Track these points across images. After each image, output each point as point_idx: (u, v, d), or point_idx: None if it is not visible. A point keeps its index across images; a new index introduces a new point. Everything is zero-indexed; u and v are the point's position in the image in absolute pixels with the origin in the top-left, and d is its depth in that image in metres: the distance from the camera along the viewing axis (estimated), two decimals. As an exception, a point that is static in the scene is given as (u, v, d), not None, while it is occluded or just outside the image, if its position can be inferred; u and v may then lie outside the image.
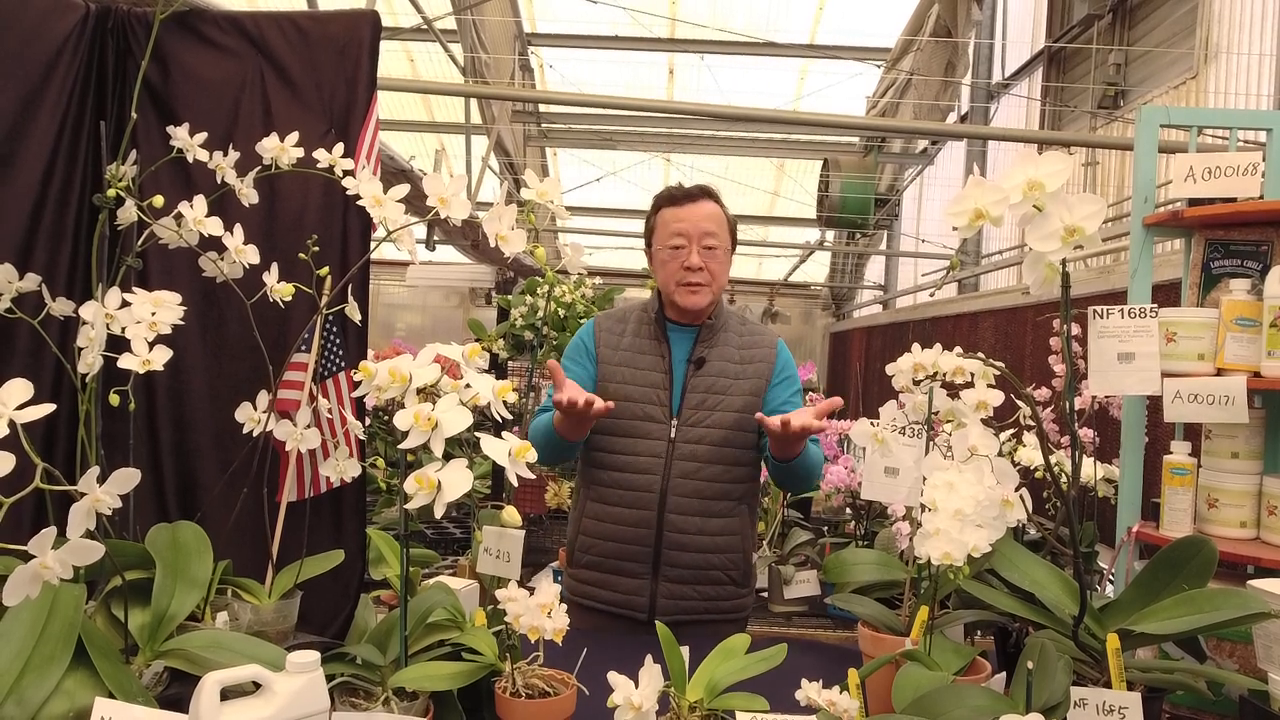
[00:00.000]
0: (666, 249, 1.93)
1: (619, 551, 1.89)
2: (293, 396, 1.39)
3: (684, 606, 1.87)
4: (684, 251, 1.90)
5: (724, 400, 1.89)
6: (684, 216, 1.92)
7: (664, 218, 1.96)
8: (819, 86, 8.20)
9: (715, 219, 1.93)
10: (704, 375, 1.91)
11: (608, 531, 1.90)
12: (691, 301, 1.91)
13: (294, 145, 1.38)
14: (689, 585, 1.87)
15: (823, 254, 10.34)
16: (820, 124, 6.22)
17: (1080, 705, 1.06)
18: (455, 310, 10.24)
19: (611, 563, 1.89)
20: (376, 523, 2.93)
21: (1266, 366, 1.59)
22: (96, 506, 0.95)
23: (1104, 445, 2.51)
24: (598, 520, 1.92)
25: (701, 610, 1.88)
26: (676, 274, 1.91)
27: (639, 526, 1.87)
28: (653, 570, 1.87)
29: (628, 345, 1.96)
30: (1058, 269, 1.05)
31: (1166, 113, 1.83)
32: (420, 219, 1.35)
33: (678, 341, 1.95)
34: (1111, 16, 5.46)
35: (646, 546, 1.87)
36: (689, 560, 1.87)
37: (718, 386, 1.90)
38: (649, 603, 1.87)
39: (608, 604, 1.90)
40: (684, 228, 1.91)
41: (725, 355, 1.94)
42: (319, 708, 0.97)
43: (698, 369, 1.91)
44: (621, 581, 1.88)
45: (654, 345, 1.95)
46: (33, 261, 1.39)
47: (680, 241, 1.91)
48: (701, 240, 1.90)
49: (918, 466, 1.36)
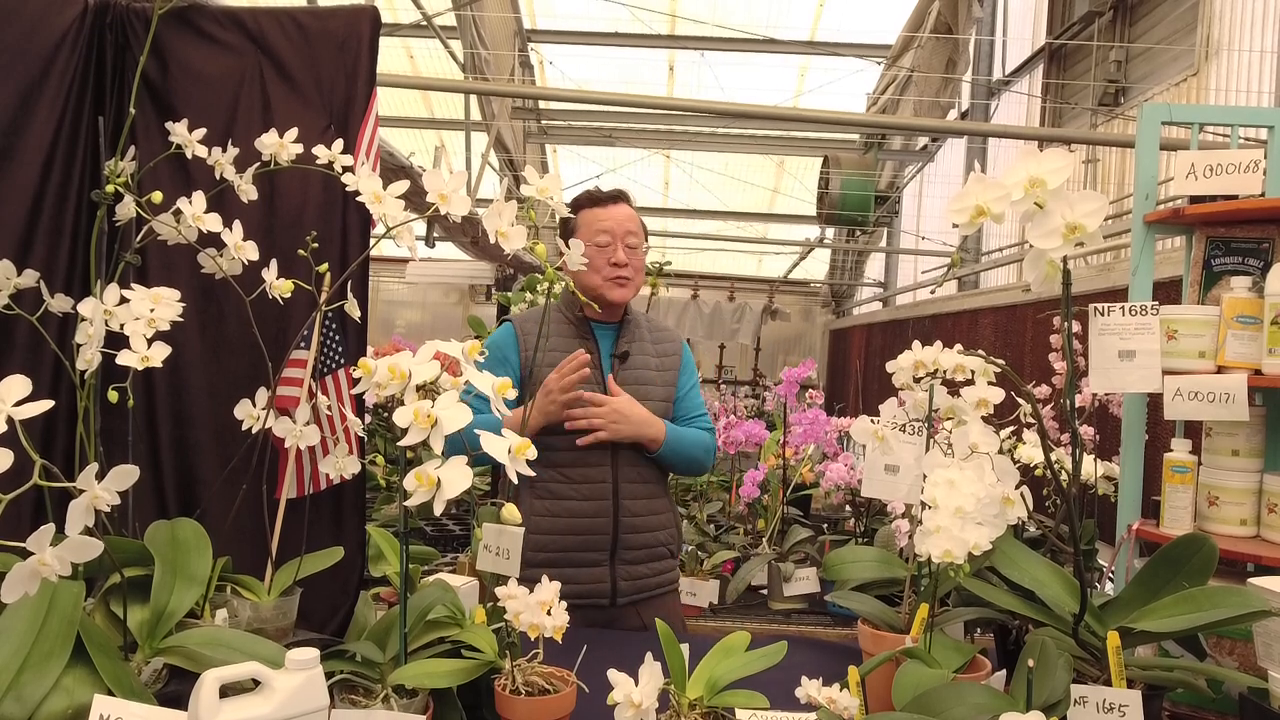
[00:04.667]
0: (593, 246, 2.01)
1: (578, 544, 1.94)
2: (292, 393, 1.38)
3: (640, 585, 1.98)
4: (610, 249, 2.00)
5: (649, 390, 2.03)
6: (608, 215, 2.03)
7: (586, 218, 2.05)
8: (819, 83, 8.19)
9: (634, 220, 2.06)
10: (629, 369, 2.03)
11: (564, 525, 1.94)
12: (619, 295, 2.01)
13: (293, 141, 1.38)
14: (643, 565, 1.99)
15: (823, 251, 10.34)
16: (820, 121, 6.22)
17: (1080, 703, 1.06)
18: (455, 307, 10.25)
19: (570, 555, 1.93)
20: (376, 520, 2.94)
21: (1267, 364, 1.59)
22: (95, 503, 0.95)
23: (1104, 443, 2.51)
24: (552, 516, 1.95)
25: (654, 586, 2.01)
26: (605, 269, 2.00)
27: (596, 516, 1.95)
28: (610, 556, 1.95)
29: (554, 345, 2.02)
30: (1059, 266, 1.05)
31: (1168, 110, 1.83)
32: (420, 215, 1.35)
33: (601, 338, 2.06)
34: (1112, 13, 5.45)
35: (604, 534, 1.95)
36: (641, 541, 1.99)
37: (643, 379, 2.04)
38: (610, 588, 1.95)
39: (570, 596, 1.90)
40: (608, 226, 2.01)
41: (643, 349, 2.08)
42: (318, 705, 0.97)
43: (622, 363, 2.03)
44: (581, 572, 1.92)
45: (582, 343, 2.01)
46: (31, 258, 1.39)
47: (605, 239, 2.01)
48: (625, 239, 2.01)
49: (918, 464, 1.36)
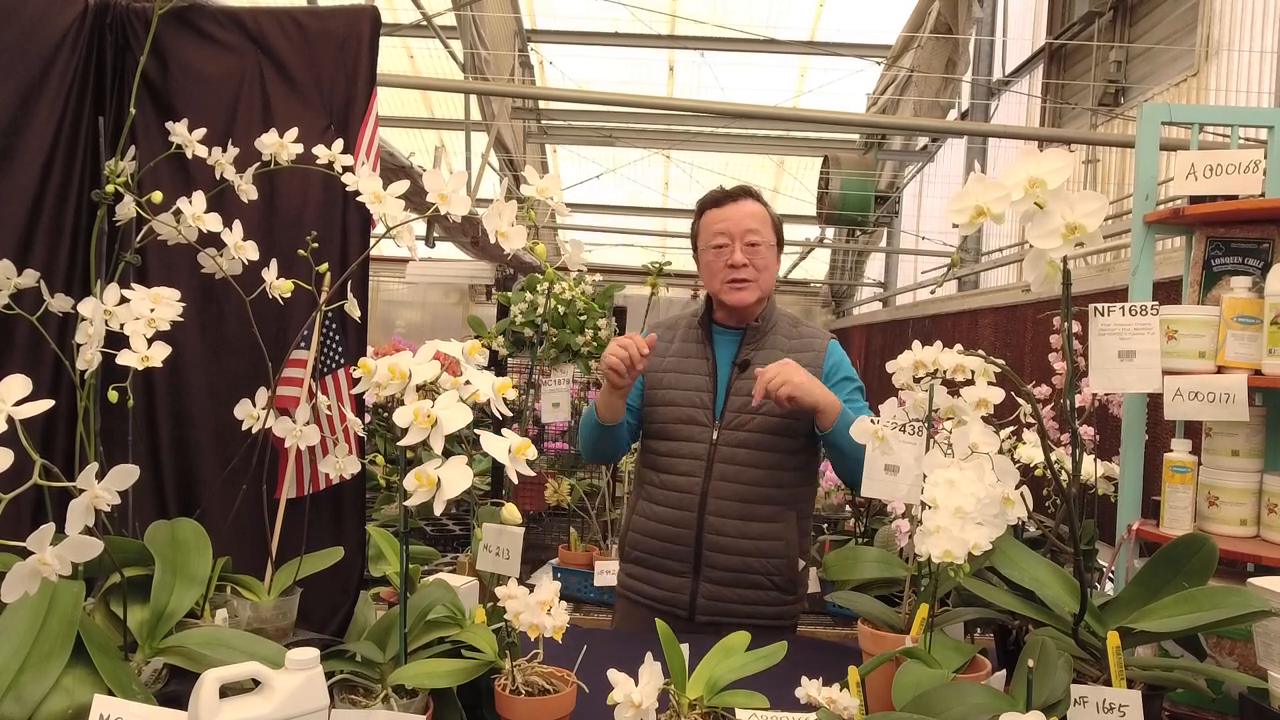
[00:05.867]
0: (710, 249, 1.93)
1: (663, 550, 1.91)
2: (292, 393, 1.38)
3: (724, 609, 1.86)
4: (727, 250, 1.91)
5: (768, 403, 1.82)
6: (725, 216, 1.93)
7: (706, 220, 1.97)
8: (819, 83, 8.20)
9: (758, 217, 1.93)
10: (748, 379, 1.88)
11: (653, 530, 1.92)
12: (738, 299, 1.90)
13: (293, 141, 1.38)
14: (729, 588, 1.87)
15: (823, 251, 10.33)
16: (820, 121, 6.22)
17: (1080, 703, 1.06)
18: (455, 307, 10.23)
19: (656, 560, 1.92)
20: (376, 520, 2.94)
21: (1267, 364, 1.59)
22: (95, 503, 0.95)
23: (1104, 443, 2.51)
24: (645, 519, 1.95)
25: (743, 614, 1.85)
26: (721, 272, 1.91)
27: (680, 527, 1.89)
28: (694, 570, 1.88)
29: (675, 351, 1.97)
30: (1059, 266, 1.05)
31: (1168, 110, 1.82)
32: (420, 215, 1.35)
33: (723, 344, 1.95)
34: (1112, 13, 5.45)
35: (687, 546, 1.88)
36: (728, 563, 1.86)
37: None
38: (690, 601, 1.88)
39: (651, 599, 1.93)
40: (726, 226, 1.91)
41: (772, 358, 1.86)
42: (318, 705, 0.97)
43: (741, 372, 1.90)
44: (665, 579, 1.91)
45: (699, 349, 1.95)
46: (31, 257, 1.39)
47: (723, 240, 1.91)
48: (744, 238, 1.90)
49: (918, 464, 1.36)
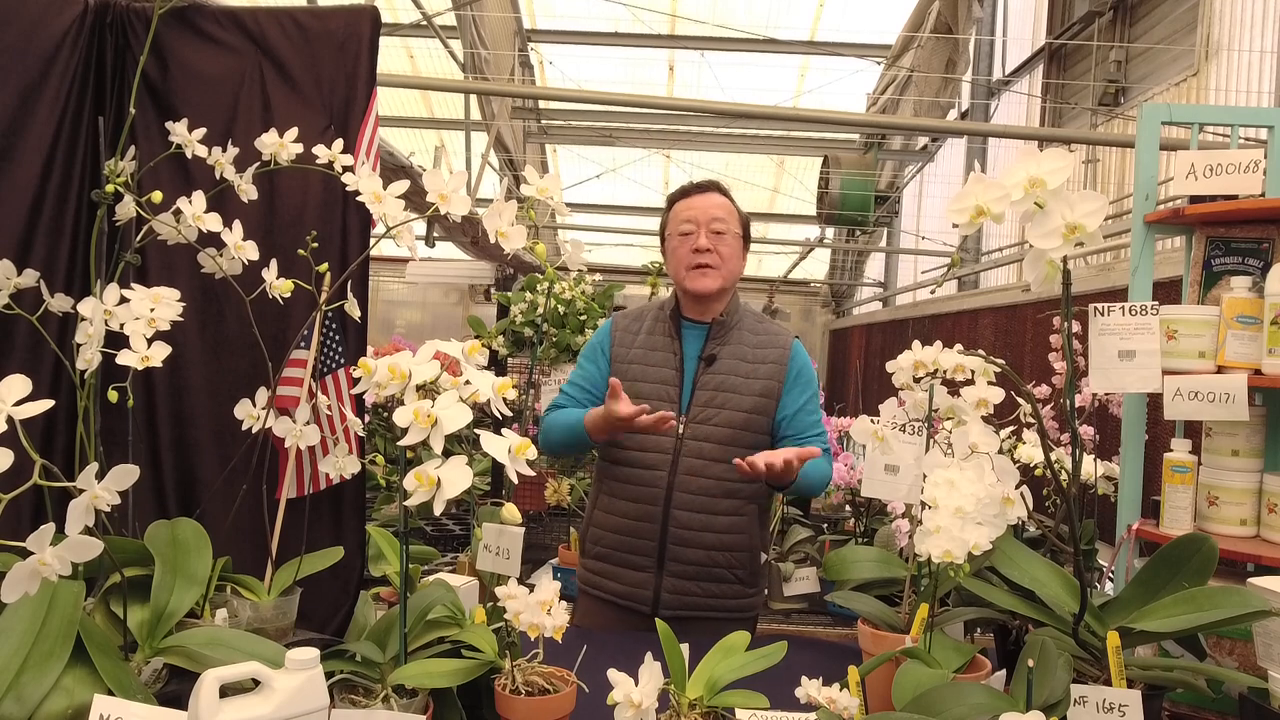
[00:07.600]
0: (676, 236, 1.95)
1: (625, 544, 1.90)
2: (292, 393, 1.38)
3: (687, 602, 1.87)
4: (692, 237, 1.92)
5: (733, 399, 1.88)
6: (692, 205, 1.96)
7: (675, 211, 1.99)
8: (819, 83, 8.20)
9: (723, 208, 1.95)
10: (714, 373, 1.90)
11: (615, 524, 1.92)
12: (701, 284, 1.90)
13: (293, 141, 1.38)
14: (693, 581, 1.87)
15: (823, 251, 10.34)
16: (820, 121, 6.22)
17: (1080, 703, 1.06)
18: (455, 307, 10.24)
19: (619, 555, 1.91)
20: (376, 519, 2.93)
21: (1267, 364, 1.59)
22: (95, 503, 0.95)
23: (1104, 443, 2.51)
24: (607, 513, 1.94)
25: (705, 607, 1.87)
26: (686, 258, 1.92)
27: (644, 520, 1.88)
28: (658, 564, 1.88)
29: (641, 343, 1.97)
30: (1059, 266, 1.05)
31: (1168, 110, 1.82)
32: (420, 215, 1.35)
33: (690, 339, 1.95)
34: (1112, 13, 5.45)
35: (651, 540, 1.88)
36: (693, 556, 1.87)
37: (727, 385, 1.89)
38: (653, 596, 1.87)
39: (613, 595, 1.92)
40: (692, 214, 1.94)
41: (738, 354, 1.92)
42: (318, 705, 0.97)
43: (708, 366, 1.90)
44: (627, 574, 1.90)
45: (666, 342, 1.95)
46: (31, 257, 1.39)
47: (689, 227, 1.93)
48: (710, 225, 1.92)
49: (918, 464, 1.36)
